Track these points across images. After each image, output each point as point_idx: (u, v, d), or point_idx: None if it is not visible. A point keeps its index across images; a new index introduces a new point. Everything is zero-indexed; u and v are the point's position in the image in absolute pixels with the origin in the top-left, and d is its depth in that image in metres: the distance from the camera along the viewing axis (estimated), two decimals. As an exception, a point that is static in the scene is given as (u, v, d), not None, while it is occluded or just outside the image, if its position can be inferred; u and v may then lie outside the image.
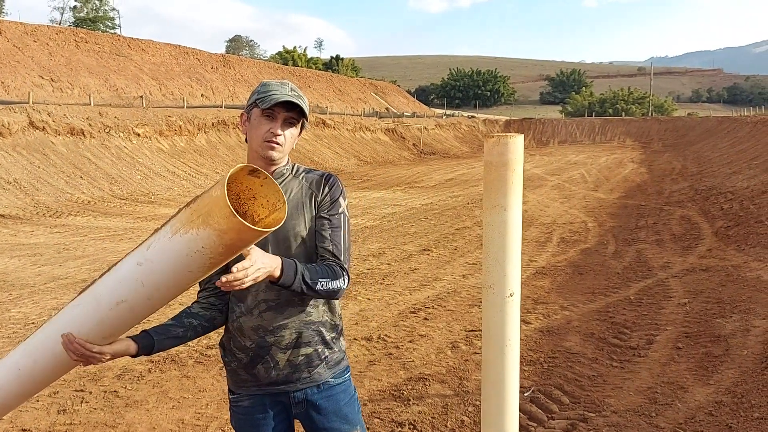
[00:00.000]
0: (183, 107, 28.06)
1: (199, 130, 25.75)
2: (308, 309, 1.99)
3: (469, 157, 37.57)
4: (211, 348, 5.37)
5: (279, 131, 1.92)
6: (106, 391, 4.56)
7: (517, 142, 1.88)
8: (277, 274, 1.77)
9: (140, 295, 1.64)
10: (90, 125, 21.10)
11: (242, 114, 2.02)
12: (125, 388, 4.64)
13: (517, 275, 1.93)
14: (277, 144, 1.93)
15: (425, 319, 6.21)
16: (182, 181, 20.62)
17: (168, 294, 1.64)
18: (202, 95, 37.02)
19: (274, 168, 2.00)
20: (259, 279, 1.71)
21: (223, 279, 1.62)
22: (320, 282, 1.88)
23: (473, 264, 8.60)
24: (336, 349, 2.08)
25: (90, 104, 23.73)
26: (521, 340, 3.91)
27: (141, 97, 28.36)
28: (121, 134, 21.88)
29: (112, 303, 1.66)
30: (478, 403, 4.33)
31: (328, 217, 1.98)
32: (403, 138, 41.45)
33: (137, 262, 1.62)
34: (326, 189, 2.01)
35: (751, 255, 8.49)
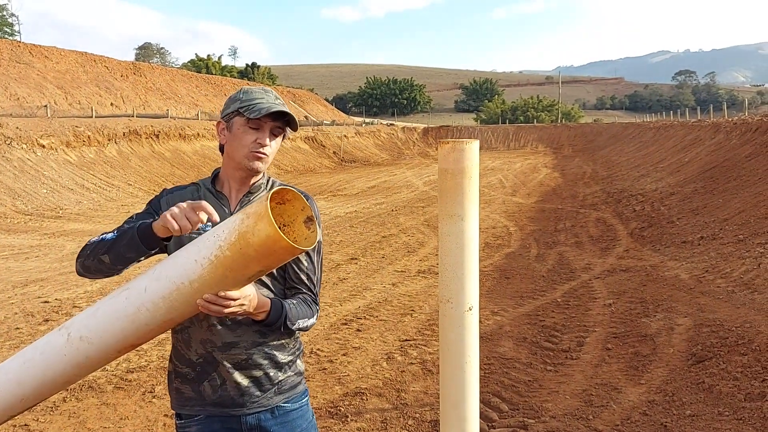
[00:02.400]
0: (91, 117, 26.73)
1: (109, 140, 24.57)
2: (264, 330, 1.85)
3: (390, 165, 37.74)
4: (132, 372, 5.03)
5: (267, 142, 1.83)
6: (15, 426, 4.17)
7: (473, 148, 1.78)
8: (261, 317, 1.74)
9: (144, 280, 1.61)
10: (-12, 136, 19.71)
11: (219, 122, 1.90)
12: (37, 420, 4.25)
13: (476, 288, 1.83)
14: (264, 155, 1.83)
15: (358, 330, 6.08)
16: (92, 194, 19.58)
17: (158, 290, 1.57)
18: (111, 104, 35.50)
19: (253, 181, 1.91)
20: (238, 314, 1.65)
21: (206, 296, 1.54)
22: (298, 323, 1.84)
23: (402, 272, 8.54)
24: (291, 373, 1.94)
25: (-12, 114, 22.22)
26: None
27: (45, 106, 26.82)
28: (24, 146, 20.55)
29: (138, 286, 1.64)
30: (417, 415, 4.24)
31: None
32: (323, 146, 41.17)
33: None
34: None
35: (667, 255, 8.85)
